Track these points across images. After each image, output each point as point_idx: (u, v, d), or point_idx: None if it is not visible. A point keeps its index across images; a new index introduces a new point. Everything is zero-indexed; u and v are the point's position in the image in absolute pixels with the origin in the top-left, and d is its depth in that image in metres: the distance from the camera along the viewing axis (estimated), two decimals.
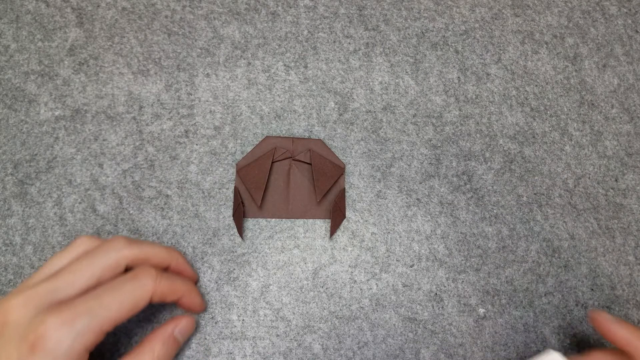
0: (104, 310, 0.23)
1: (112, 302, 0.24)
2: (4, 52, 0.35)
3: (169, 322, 0.29)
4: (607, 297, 0.35)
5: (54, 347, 0.22)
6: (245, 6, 0.38)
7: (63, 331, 0.22)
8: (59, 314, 0.23)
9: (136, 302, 0.25)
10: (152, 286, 0.26)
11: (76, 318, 0.23)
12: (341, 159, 0.35)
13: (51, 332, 0.22)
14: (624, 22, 0.41)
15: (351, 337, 0.32)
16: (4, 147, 0.34)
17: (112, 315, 0.24)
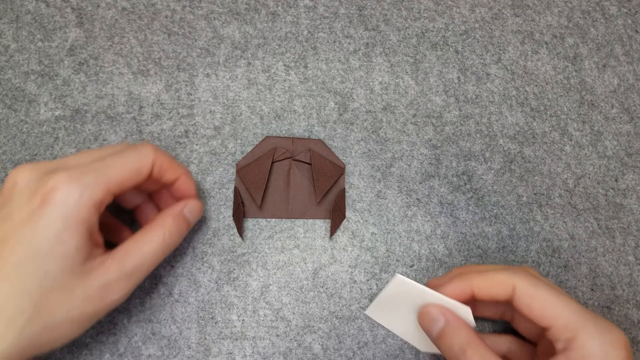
0: (109, 169, 0.25)
1: (116, 164, 0.25)
2: (4, 52, 0.35)
3: (177, 203, 0.29)
4: (607, 297, 0.35)
5: (63, 199, 0.23)
6: (245, 6, 0.38)
7: (71, 185, 0.23)
8: (66, 171, 0.24)
9: (139, 168, 0.26)
10: (153, 156, 0.27)
11: (83, 174, 0.24)
12: (341, 159, 0.35)
13: (60, 185, 0.23)
14: (624, 22, 0.41)
15: (351, 337, 0.32)
16: (4, 147, 0.34)
17: (117, 174, 0.25)
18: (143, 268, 0.26)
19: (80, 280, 0.24)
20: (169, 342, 0.31)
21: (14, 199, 0.24)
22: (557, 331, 0.25)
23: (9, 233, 0.23)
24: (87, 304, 0.24)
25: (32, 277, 0.22)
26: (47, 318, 0.23)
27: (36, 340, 0.23)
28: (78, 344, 0.31)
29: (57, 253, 0.23)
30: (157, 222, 0.27)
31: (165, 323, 0.32)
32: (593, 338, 0.24)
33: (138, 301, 0.32)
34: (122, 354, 0.31)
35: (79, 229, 0.23)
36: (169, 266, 0.33)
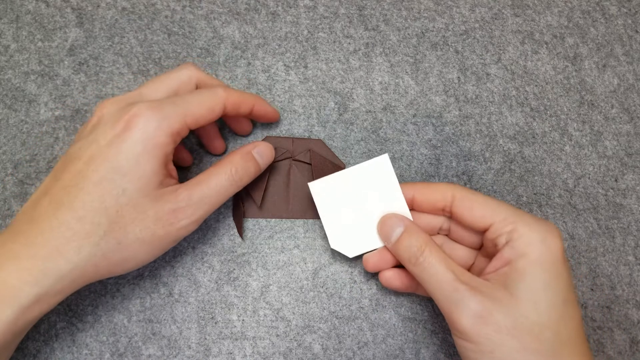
0: (186, 104, 0.27)
1: (192, 100, 0.27)
2: (4, 52, 0.35)
3: (247, 144, 0.31)
4: (607, 297, 0.35)
5: (144, 125, 0.25)
6: (245, 6, 0.38)
7: (152, 112, 0.25)
8: (149, 102, 0.26)
9: (213, 105, 0.28)
10: (225, 94, 0.28)
11: (162, 105, 0.26)
12: (341, 159, 0.35)
13: (142, 112, 0.25)
14: (624, 22, 0.41)
15: (351, 337, 0.32)
16: (4, 147, 0.34)
17: (193, 109, 0.27)
18: (210, 199, 0.28)
19: (153, 202, 0.26)
20: (169, 342, 0.31)
21: (100, 125, 0.26)
22: (498, 226, 0.27)
23: (94, 154, 0.25)
24: (157, 225, 0.26)
25: (111, 194, 0.24)
26: (121, 235, 0.25)
27: (110, 257, 0.25)
28: (78, 344, 0.31)
29: (135, 173, 0.25)
30: (226, 159, 0.29)
31: (165, 323, 0.32)
32: (531, 228, 0.26)
33: (138, 301, 0.32)
34: (122, 354, 0.31)
35: (157, 154, 0.25)
36: (169, 266, 0.33)
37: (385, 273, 0.31)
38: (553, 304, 0.24)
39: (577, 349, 0.25)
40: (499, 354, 0.24)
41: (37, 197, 0.26)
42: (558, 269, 0.25)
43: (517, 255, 0.25)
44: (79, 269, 0.24)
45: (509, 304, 0.24)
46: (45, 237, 0.24)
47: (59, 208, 0.24)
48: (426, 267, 0.27)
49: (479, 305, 0.24)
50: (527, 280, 0.25)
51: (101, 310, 0.31)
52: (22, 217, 0.25)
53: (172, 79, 0.29)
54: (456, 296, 0.25)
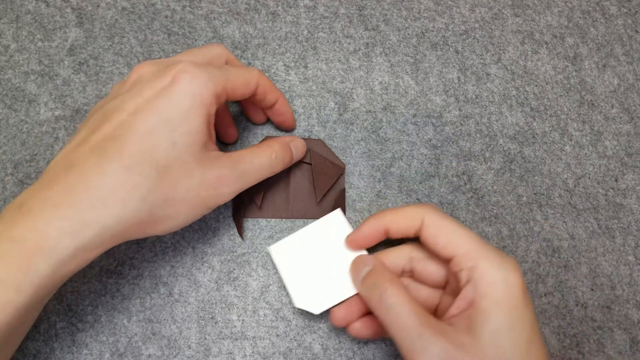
0: (227, 72, 0.27)
1: (233, 71, 0.27)
2: (4, 52, 0.35)
3: (284, 136, 0.32)
4: (607, 297, 0.35)
5: (192, 80, 0.24)
6: (245, 6, 0.38)
7: (198, 71, 0.25)
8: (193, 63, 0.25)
9: (249, 80, 0.28)
10: (258, 73, 0.29)
11: (209, 68, 0.26)
12: (341, 159, 0.35)
13: (190, 69, 0.25)
14: (624, 22, 0.41)
15: (351, 337, 0.32)
16: (4, 147, 0.34)
17: (234, 79, 0.27)
18: (250, 175, 0.28)
19: (199, 163, 0.25)
20: (169, 342, 0.31)
21: (142, 81, 0.25)
22: (460, 259, 0.26)
23: (140, 105, 0.24)
24: (202, 188, 0.25)
25: (161, 145, 0.24)
26: (168, 191, 0.24)
27: (155, 214, 0.24)
28: (78, 344, 0.31)
29: (185, 127, 0.24)
30: (266, 144, 0.30)
31: (165, 323, 0.32)
32: (492, 265, 0.25)
33: (138, 301, 0.32)
34: (122, 354, 0.31)
35: (204, 111, 0.25)
36: (168, 266, 0.33)
37: (354, 325, 0.30)
38: (517, 346, 0.24)
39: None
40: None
41: (71, 148, 0.24)
42: (521, 309, 0.24)
43: (480, 296, 0.25)
44: (122, 223, 0.23)
45: (473, 349, 0.24)
46: (88, 185, 0.22)
47: (103, 155, 0.23)
48: (389, 307, 0.25)
49: (443, 352, 0.23)
50: (491, 324, 0.24)
51: (101, 310, 0.31)
52: (55, 166, 0.23)
53: (206, 51, 0.29)
54: (419, 342, 0.24)
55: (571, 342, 0.34)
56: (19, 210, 0.22)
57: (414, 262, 0.29)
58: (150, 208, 0.24)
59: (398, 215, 0.28)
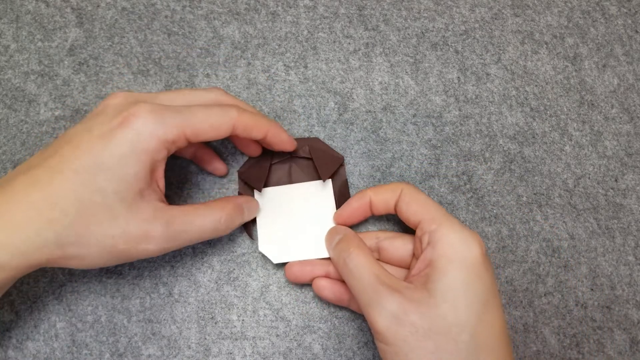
0: (191, 115, 0.26)
1: (199, 114, 0.26)
2: (4, 52, 0.35)
3: (240, 197, 0.31)
4: (607, 297, 0.35)
5: (139, 127, 0.24)
6: (245, 6, 0.38)
7: (150, 115, 0.25)
8: (154, 105, 0.25)
9: (220, 124, 0.27)
10: (236, 115, 0.27)
11: (164, 111, 0.25)
12: None
13: (140, 113, 0.24)
14: (624, 22, 0.41)
15: (351, 337, 0.32)
16: (4, 147, 0.34)
17: (196, 122, 0.26)
18: (187, 236, 0.27)
19: (126, 211, 0.25)
20: (169, 342, 0.31)
21: (100, 116, 0.25)
22: (424, 224, 0.27)
23: (83, 142, 0.24)
24: (122, 239, 0.25)
25: (86, 187, 0.24)
26: (84, 232, 0.24)
27: (66, 249, 0.24)
28: (78, 344, 0.31)
29: (116, 174, 0.24)
30: (218, 204, 0.29)
31: (165, 323, 0.32)
32: (454, 230, 0.26)
33: (138, 301, 0.32)
34: (122, 354, 0.31)
35: (143, 159, 0.25)
36: (168, 266, 0.33)
37: (318, 281, 0.31)
38: (471, 305, 0.24)
39: (496, 353, 0.24)
40: (414, 355, 0.24)
41: (18, 168, 0.25)
42: (478, 271, 0.25)
43: (438, 255, 0.26)
44: (34, 250, 0.24)
45: (427, 304, 0.24)
46: (12, 210, 0.23)
47: (34, 185, 0.24)
48: (352, 268, 0.27)
49: (396, 305, 0.24)
50: (446, 280, 0.25)
51: (101, 310, 0.31)
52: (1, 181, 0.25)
53: (195, 95, 0.28)
54: (375, 297, 0.25)
55: (571, 342, 0.34)
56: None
57: (380, 242, 0.31)
58: (62, 244, 0.24)
59: (380, 189, 0.30)
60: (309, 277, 0.31)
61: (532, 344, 0.33)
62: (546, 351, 0.33)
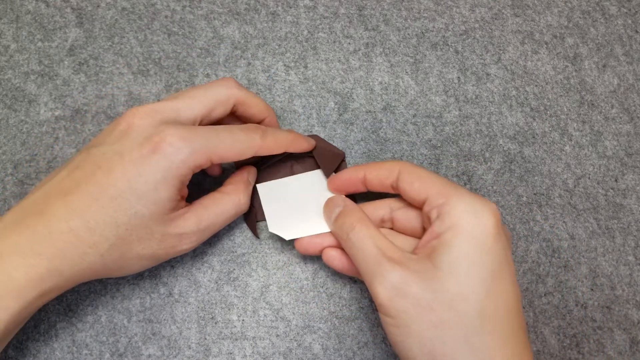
0: (219, 142, 0.26)
1: (225, 140, 0.27)
2: (4, 52, 0.35)
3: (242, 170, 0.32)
4: (607, 297, 0.35)
5: (171, 154, 0.25)
6: (245, 6, 0.38)
7: (182, 144, 0.25)
8: (183, 130, 0.26)
9: (244, 150, 0.28)
10: (260, 142, 0.28)
11: (194, 138, 0.26)
12: None
13: (173, 141, 0.25)
14: (624, 22, 0.41)
15: (351, 337, 0.32)
16: (4, 147, 0.34)
17: (224, 150, 0.27)
18: (215, 227, 0.29)
19: (161, 226, 0.26)
20: (169, 342, 0.31)
21: (128, 138, 0.26)
22: (432, 199, 0.26)
23: (115, 167, 0.25)
24: (160, 247, 0.27)
25: (124, 213, 0.25)
26: (125, 250, 0.26)
27: (109, 266, 0.26)
28: (78, 344, 0.31)
29: (150, 198, 0.25)
30: (232, 188, 0.30)
31: (165, 323, 0.32)
32: (464, 201, 0.25)
33: (138, 301, 0.32)
34: (122, 354, 0.31)
35: (175, 184, 0.26)
36: (168, 266, 0.33)
37: (328, 251, 0.31)
38: (478, 277, 0.23)
39: (504, 327, 0.23)
40: (416, 327, 0.23)
41: (49, 190, 0.26)
42: (488, 243, 0.24)
43: (446, 228, 0.24)
44: (80, 272, 0.25)
45: (430, 276, 0.24)
46: (53, 238, 0.24)
47: (71, 213, 0.25)
48: (355, 242, 0.27)
49: (398, 277, 0.24)
50: (452, 252, 0.24)
51: (101, 310, 0.31)
52: (30, 208, 0.25)
53: (210, 97, 0.28)
54: (377, 269, 0.25)
55: (571, 342, 0.34)
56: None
57: (393, 212, 0.30)
58: (105, 263, 0.26)
59: (375, 167, 0.29)
60: (319, 249, 0.31)
61: (532, 344, 0.33)
62: (546, 351, 0.33)
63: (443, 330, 0.23)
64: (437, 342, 0.23)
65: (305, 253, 0.31)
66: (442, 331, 0.23)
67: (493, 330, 0.23)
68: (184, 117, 0.27)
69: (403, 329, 0.24)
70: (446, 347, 0.23)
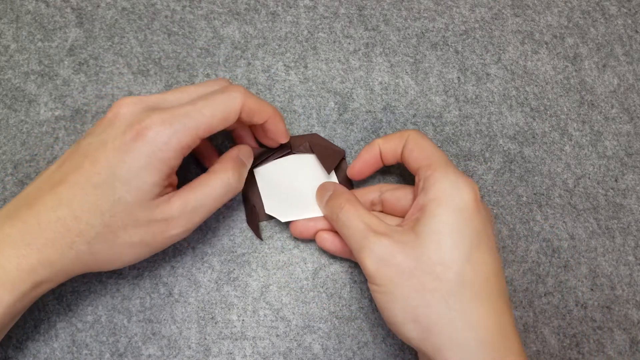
0: (199, 115, 0.26)
1: (206, 109, 0.26)
2: (4, 52, 0.35)
3: (232, 148, 0.31)
4: (607, 297, 0.35)
5: (153, 138, 0.25)
6: (245, 6, 0.38)
7: (163, 127, 0.25)
8: (163, 113, 0.26)
9: (227, 113, 0.27)
10: (242, 99, 0.27)
11: (175, 118, 0.26)
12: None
13: (153, 126, 0.25)
14: (624, 22, 0.41)
15: (351, 337, 0.32)
16: (4, 147, 0.34)
17: (206, 120, 0.26)
18: (205, 208, 0.28)
19: (146, 211, 0.26)
20: (169, 342, 0.31)
21: (113, 127, 0.26)
22: (422, 171, 0.28)
23: (99, 156, 0.25)
24: (147, 233, 0.26)
25: (107, 200, 0.25)
26: (112, 237, 0.26)
27: (98, 256, 0.26)
28: (78, 344, 0.31)
29: (134, 185, 0.25)
30: (220, 167, 0.29)
31: (165, 323, 0.32)
32: (447, 177, 0.27)
33: (138, 301, 0.32)
34: (122, 354, 0.31)
35: (160, 168, 0.26)
36: (169, 266, 0.33)
37: (321, 234, 0.32)
38: (458, 246, 0.25)
39: (485, 293, 0.25)
40: (399, 293, 0.25)
41: (40, 184, 0.26)
42: (469, 215, 0.26)
43: (429, 200, 0.26)
44: (70, 262, 0.25)
45: (413, 245, 0.26)
46: (42, 228, 0.25)
47: (58, 203, 0.25)
48: (344, 221, 0.28)
49: (383, 248, 0.26)
50: (434, 222, 0.26)
51: (101, 310, 0.31)
52: (22, 201, 0.26)
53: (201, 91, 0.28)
54: (365, 243, 0.26)
55: (571, 342, 0.34)
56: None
57: (383, 194, 0.32)
58: (93, 252, 0.26)
59: (388, 137, 0.31)
60: (313, 232, 0.32)
61: (532, 344, 0.33)
62: (546, 351, 0.33)
63: (425, 294, 0.25)
64: (420, 306, 0.25)
65: (300, 236, 0.32)
66: (424, 296, 0.25)
67: (472, 295, 0.25)
68: (170, 105, 0.27)
69: (388, 295, 0.26)
70: (428, 310, 0.25)
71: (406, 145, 0.30)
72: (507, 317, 0.25)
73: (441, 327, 0.24)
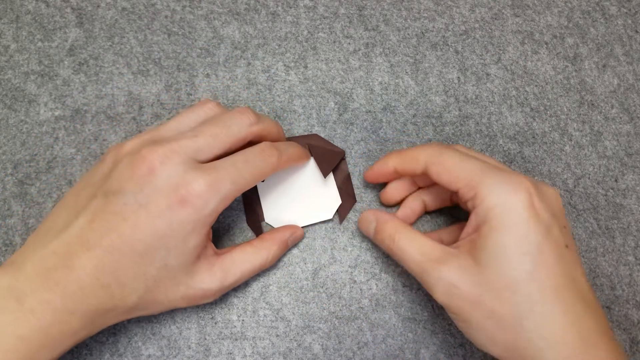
0: (241, 179, 0.26)
1: (247, 173, 0.26)
2: (4, 52, 0.35)
3: (285, 229, 0.32)
4: (607, 297, 0.35)
5: (201, 206, 0.25)
6: (245, 6, 0.38)
7: (210, 193, 0.25)
8: (208, 176, 0.25)
9: (262, 175, 0.28)
10: (277, 162, 0.28)
11: (221, 183, 0.25)
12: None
13: (200, 192, 0.24)
14: (624, 22, 0.41)
15: (351, 337, 0.32)
16: (4, 147, 0.34)
17: (246, 183, 0.27)
18: (238, 282, 0.29)
19: (187, 277, 0.26)
20: (169, 342, 0.31)
21: (152, 187, 0.24)
22: (463, 192, 0.27)
23: (140, 222, 0.24)
24: (184, 300, 0.27)
25: (153, 267, 0.25)
26: (151, 298, 0.26)
27: (135, 312, 0.26)
28: (78, 344, 0.31)
29: (179, 250, 0.25)
30: (265, 244, 0.30)
31: (165, 323, 0.32)
32: (492, 191, 0.25)
33: None
34: (122, 354, 0.31)
35: (203, 231, 0.26)
36: None
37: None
38: (519, 267, 0.24)
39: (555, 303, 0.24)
40: (474, 321, 0.25)
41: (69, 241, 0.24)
42: (524, 229, 0.24)
43: (481, 222, 0.25)
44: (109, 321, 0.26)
45: (473, 272, 0.25)
46: (86, 294, 0.24)
47: (101, 270, 0.24)
48: (398, 253, 0.28)
49: (446, 280, 0.25)
50: (490, 246, 0.25)
51: None
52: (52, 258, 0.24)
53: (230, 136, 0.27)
54: (427, 277, 0.26)
55: None
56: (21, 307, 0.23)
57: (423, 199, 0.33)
58: (131, 312, 0.26)
59: (402, 158, 0.30)
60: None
61: None
62: None
63: (497, 321, 0.24)
64: (496, 331, 0.24)
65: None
66: (498, 322, 0.24)
67: (544, 311, 0.24)
68: (204, 156, 0.26)
69: (466, 322, 0.25)
70: (504, 335, 0.24)
71: (429, 169, 0.28)
72: (590, 322, 0.24)
73: (521, 351, 0.24)
